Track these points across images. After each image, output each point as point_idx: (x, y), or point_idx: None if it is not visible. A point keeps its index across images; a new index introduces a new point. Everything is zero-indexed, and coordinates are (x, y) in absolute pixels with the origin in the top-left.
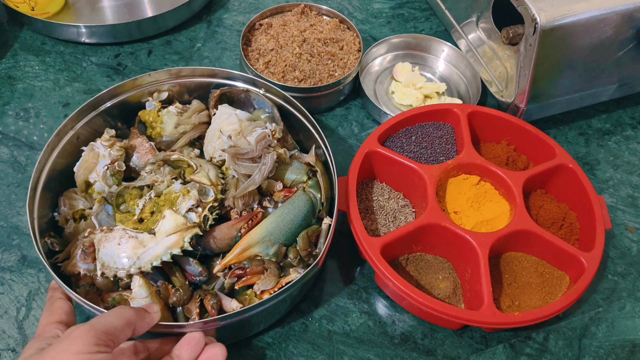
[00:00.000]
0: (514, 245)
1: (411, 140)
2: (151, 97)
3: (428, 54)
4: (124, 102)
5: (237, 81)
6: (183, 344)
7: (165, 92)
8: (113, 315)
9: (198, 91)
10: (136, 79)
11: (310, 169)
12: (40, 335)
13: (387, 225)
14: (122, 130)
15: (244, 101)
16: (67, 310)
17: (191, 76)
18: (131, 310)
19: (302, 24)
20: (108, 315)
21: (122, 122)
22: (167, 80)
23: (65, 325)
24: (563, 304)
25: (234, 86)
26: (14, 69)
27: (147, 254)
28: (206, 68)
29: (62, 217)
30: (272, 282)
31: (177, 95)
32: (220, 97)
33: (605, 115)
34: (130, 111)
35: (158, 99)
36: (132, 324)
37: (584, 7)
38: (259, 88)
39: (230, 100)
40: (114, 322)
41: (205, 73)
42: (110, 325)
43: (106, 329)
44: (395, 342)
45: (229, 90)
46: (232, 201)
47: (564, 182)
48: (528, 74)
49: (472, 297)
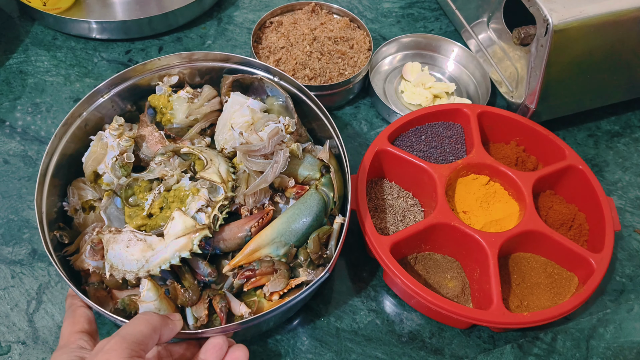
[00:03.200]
0: (522, 246)
1: (421, 140)
2: (161, 81)
3: (438, 54)
4: (133, 85)
5: (251, 67)
6: (208, 348)
7: (176, 76)
8: (141, 323)
9: (210, 74)
10: (146, 63)
11: (324, 165)
12: (65, 346)
13: (396, 224)
14: (131, 112)
15: (257, 88)
16: (89, 318)
17: (203, 60)
18: (156, 317)
19: (312, 22)
20: (136, 324)
21: (132, 104)
22: (178, 64)
23: (89, 334)
24: (572, 304)
25: (247, 72)
26: (25, 64)
27: (156, 258)
28: (219, 53)
29: (72, 207)
30: (281, 283)
31: (188, 78)
32: (233, 84)
33: (614, 117)
34: (140, 94)
35: (168, 83)
36: (158, 330)
37: (596, 7)
38: (273, 75)
39: (243, 88)
40: (142, 331)
41: (218, 57)
42: (140, 335)
43: (137, 339)
44: (403, 341)
45: (241, 77)
46: (242, 198)
47: (574, 183)
48: (539, 75)
49: (480, 296)
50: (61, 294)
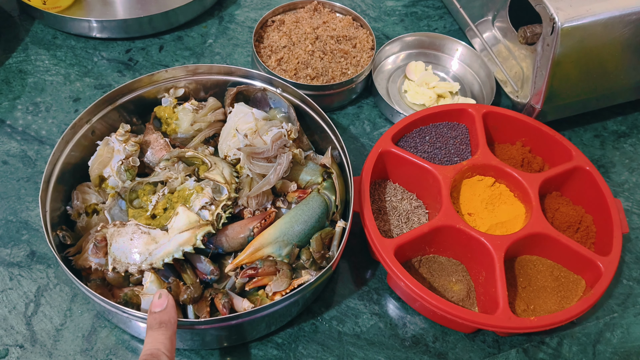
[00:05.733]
0: (529, 248)
1: (425, 141)
2: (167, 93)
3: (442, 53)
4: (140, 97)
5: (254, 80)
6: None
7: (182, 89)
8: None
9: (214, 89)
10: (153, 75)
11: (326, 170)
12: None
13: (400, 227)
14: (137, 125)
15: (260, 100)
16: None
17: (208, 73)
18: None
19: (314, 21)
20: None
21: (138, 117)
22: (183, 77)
23: None
24: (580, 308)
25: (250, 84)
26: (25, 63)
27: (159, 250)
28: (223, 66)
29: (75, 211)
30: (284, 283)
31: (193, 93)
32: (237, 96)
33: (621, 118)
34: (146, 107)
35: (174, 95)
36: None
37: (603, 7)
38: (276, 87)
39: (246, 99)
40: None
41: (222, 71)
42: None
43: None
44: (406, 345)
45: (245, 88)
46: (245, 200)
47: (581, 184)
48: (545, 75)
49: (486, 300)
50: (60, 296)
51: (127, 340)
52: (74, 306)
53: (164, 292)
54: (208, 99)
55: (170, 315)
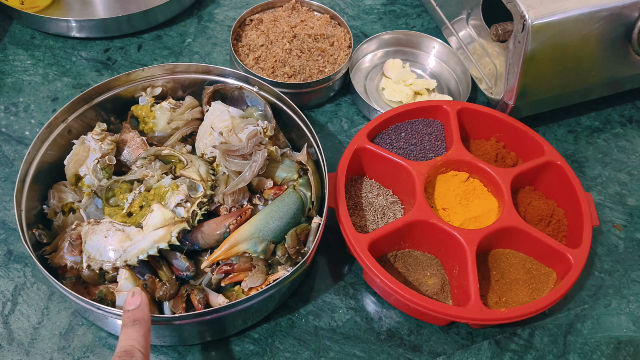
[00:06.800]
0: (501, 242)
1: (400, 137)
2: (145, 92)
3: (419, 51)
4: (117, 96)
5: (231, 78)
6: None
7: (159, 88)
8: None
9: (192, 88)
10: (130, 74)
11: (302, 167)
12: None
13: (375, 222)
14: (114, 124)
15: (237, 98)
16: None
17: (186, 72)
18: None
19: (292, 20)
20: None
21: (115, 116)
22: (161, 75)
23: None
24: (550, 300)
25: (227, 83)
26: (2, 63)
27: (134, 247)
28: (201, 65)
29: (52, 210)
30: (259, 279)
31: (170, 91)
32: (214, 94)
33: (594, 113)
34: (123, 106)
35: (151, 94)
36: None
37: (573, 4)
38: (253, 85)
39: (223, 97)
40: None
41: (200, 69)
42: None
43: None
44: (382, 338)
45: (222, 87)
46: (221, 197)
47: (553, 179)
48: (517, 71)
49: (459, 293)
50: (37, 295)
51: (104, 338)
52: (51, 304)
53: (137, 289)
54: (186, 98)
55: (144, 313)
